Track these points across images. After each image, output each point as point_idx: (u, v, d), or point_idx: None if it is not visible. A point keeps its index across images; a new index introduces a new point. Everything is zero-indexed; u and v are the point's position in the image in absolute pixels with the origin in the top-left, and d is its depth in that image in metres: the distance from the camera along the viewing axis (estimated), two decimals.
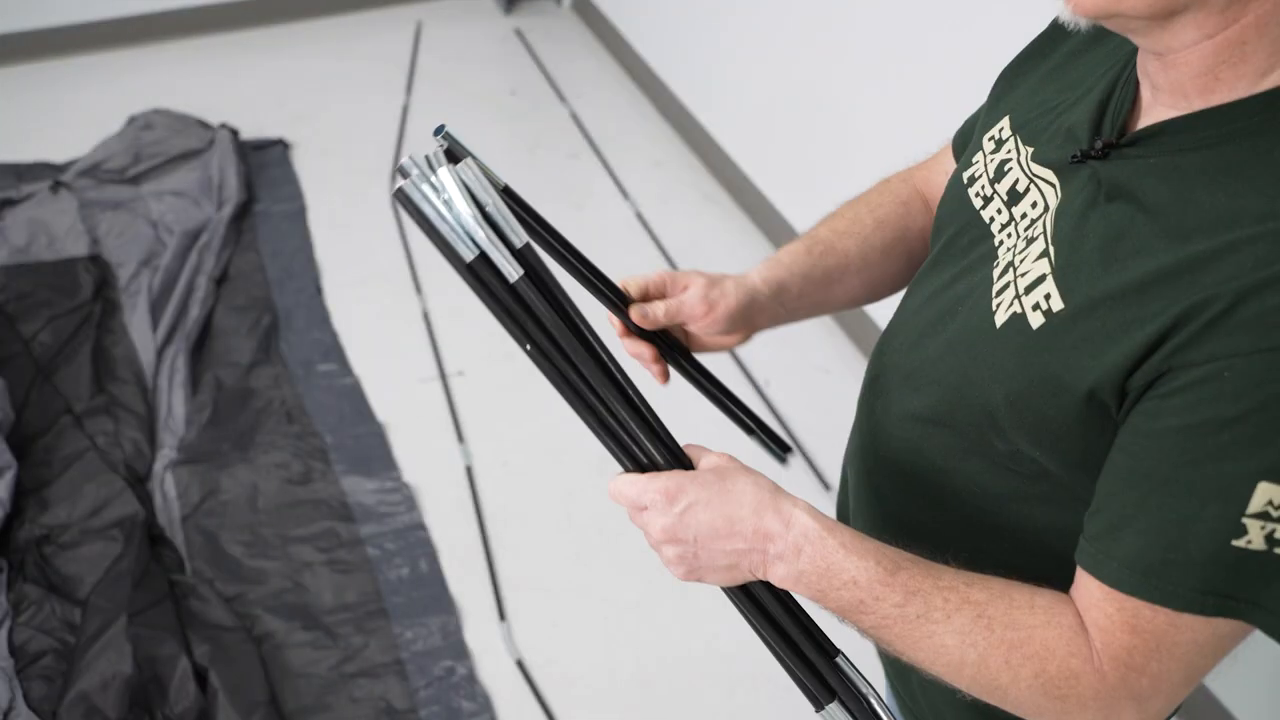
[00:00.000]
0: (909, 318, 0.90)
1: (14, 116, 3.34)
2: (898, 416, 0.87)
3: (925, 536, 0.80)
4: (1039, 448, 0.73)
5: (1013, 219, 0.80)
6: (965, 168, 0.89)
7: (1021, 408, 0.72)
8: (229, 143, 3.03)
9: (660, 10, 3.35)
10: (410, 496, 2.19)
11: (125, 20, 3.70)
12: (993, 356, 0.75)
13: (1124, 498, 0.66)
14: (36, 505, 2.10)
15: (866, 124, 2.36)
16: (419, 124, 3.40)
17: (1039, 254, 0.74)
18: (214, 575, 2.02)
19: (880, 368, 0.92)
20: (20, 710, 1.74)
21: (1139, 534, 0.65)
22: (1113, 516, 0.67)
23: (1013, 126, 0.85)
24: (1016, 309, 0.74)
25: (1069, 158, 0.75)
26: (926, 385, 0.83)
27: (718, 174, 3.14)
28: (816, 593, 0.74)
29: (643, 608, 2.02)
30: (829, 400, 2.43)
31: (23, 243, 2.65)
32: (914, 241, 1.05)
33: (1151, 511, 0.64)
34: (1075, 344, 0.68)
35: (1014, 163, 0.82)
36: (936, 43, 2.05)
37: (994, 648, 0.70)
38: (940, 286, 0.86)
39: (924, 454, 0.85)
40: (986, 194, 0.84)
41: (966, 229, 0.85)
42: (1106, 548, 0.67)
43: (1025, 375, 0.72)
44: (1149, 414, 0.64)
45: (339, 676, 1.88)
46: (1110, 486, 0.67)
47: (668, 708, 1.86)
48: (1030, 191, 0.79)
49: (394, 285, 2.76)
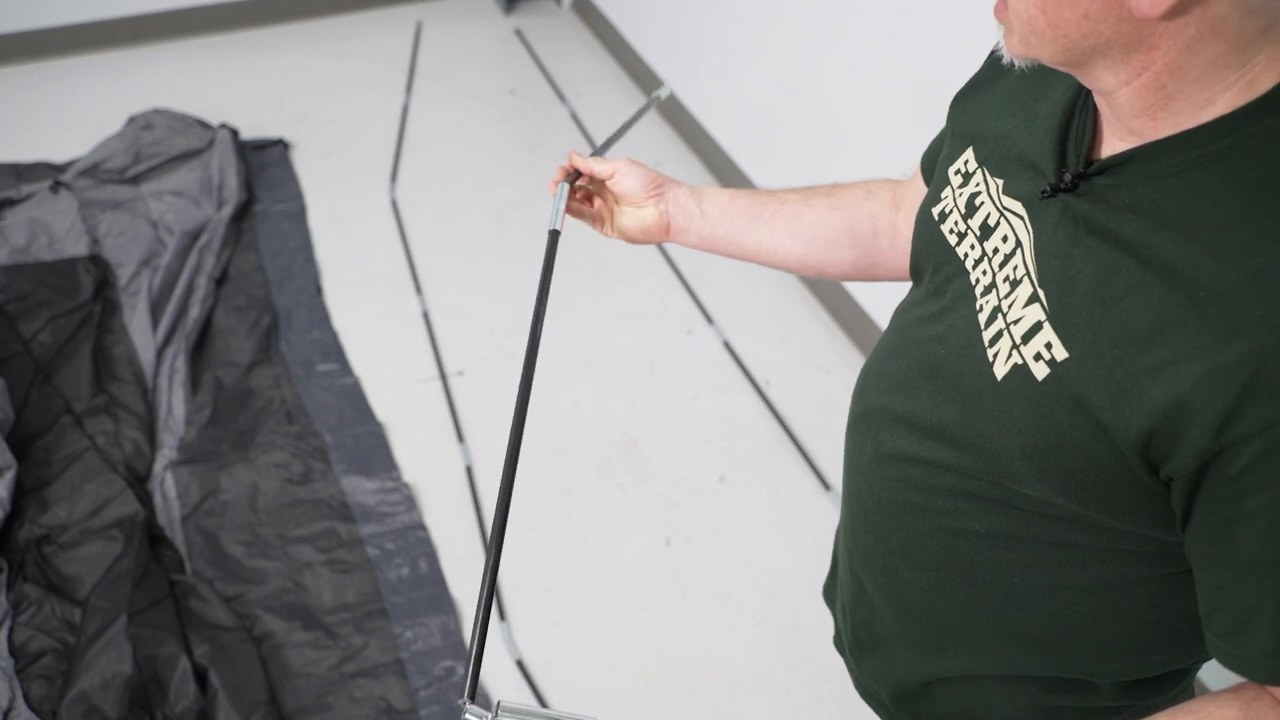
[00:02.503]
0: (892, 356, 0.88)
1: (14, 116, 3.34)
2: (892, 456, 0.86)
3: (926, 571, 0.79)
4: (1064, 494, 0.72)
5: (985, 254, 0.78)
6: (934, 203, 0.87)
7: (1040, 460, 0.71)
8: (229, 143, 3.03)
9: (660, 10, 3.35)
10: (410, 496, 2.19)
11: (125, 20, 3.70)
12: (998, 411, 0.73)
13: (1240, 589, 0.64)
14: (36, 505, 2.10)
15: (866, 123, 2.36)
16: (419, 124, 3.40)
17: (1028, 299, 0.72)
18: (214, 575, 2.02)
19: (865, 406, 0.91)
20: (20, 710, 1.74)
21: (1270, 624, 0.63)
22: (1235, 612, 0.65)
23: (978, 159, 0.83)
24: (1017, 360, 0.72)
25: (1038, 192, 0.74)
26: (925, 431, 0.81)
27: (718, 174, 3.14)
28: None
29: (643, 608, 2.02)
30: (829, 400, 2.43)
31: (23, 243, 2.65)
32: (859, 220, 1.05)
33: (1271, 597, 0.62)
34: (1086, 393, 0.67)
35: (984, 195, 0.80)
36: (936, 42, 2.05)
37: None
38: (919, 323, 0.85)
39: (923, 493, 0.83)
40: (960, 230, 0.82)
41: (943, 267, 0.84)
42: (1243, 645, 0.65)
43: (1038, 428, 0.70)
44: (1228, 499, 0.62)
45: (339, 676, 1.88)
46: (1218, 580, 0.65)
47: (668, 708, 1.86)
48: (1000, 225, 0.77)
49: (394, 285, 2.76)
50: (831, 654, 1.91)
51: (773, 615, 1.99)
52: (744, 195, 1.08)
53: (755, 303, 2.72)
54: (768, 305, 2.72)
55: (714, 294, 2.74)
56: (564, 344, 2.55)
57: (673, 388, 2.47)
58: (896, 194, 1.05)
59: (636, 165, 1.07)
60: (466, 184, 3.14)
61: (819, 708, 1.86)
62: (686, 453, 2.31)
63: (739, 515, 2.18)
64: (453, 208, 3.04)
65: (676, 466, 2.28)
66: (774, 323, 2.67)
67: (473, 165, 3.22)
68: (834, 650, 1.90)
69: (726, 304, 2.70)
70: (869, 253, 1.05)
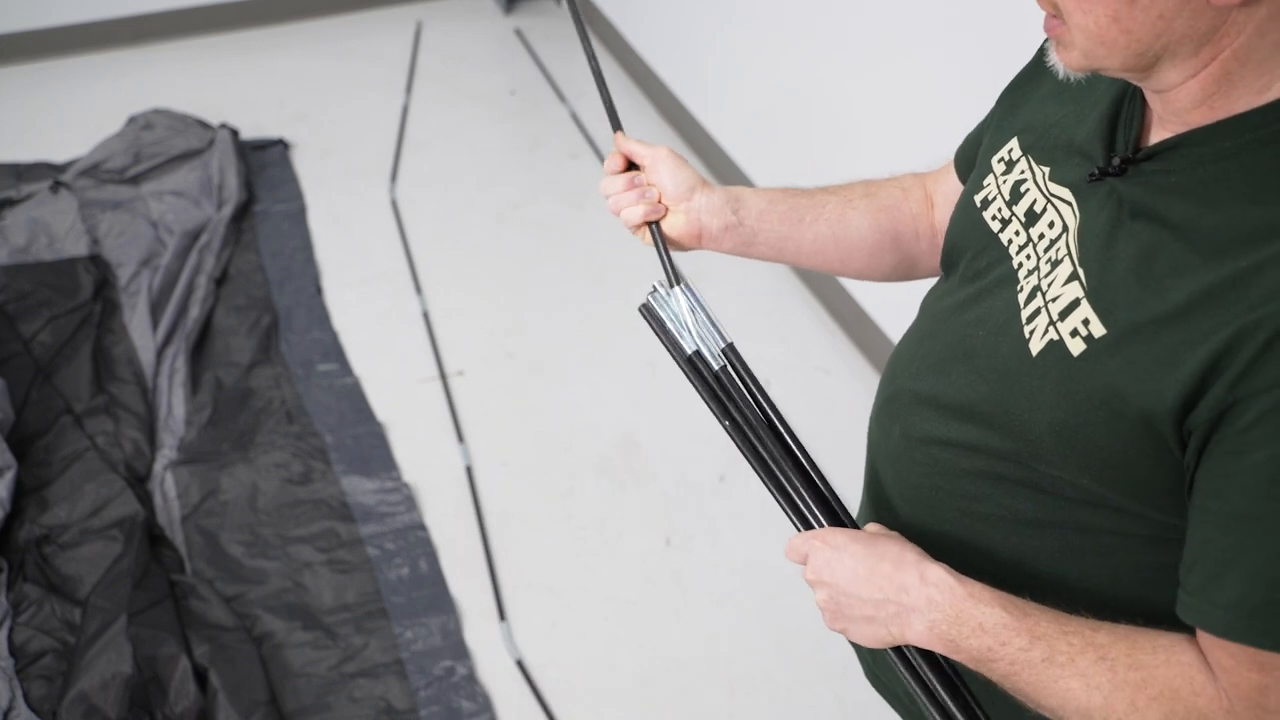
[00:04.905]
0: (925, 340, 0.89)
1: (14, 116, 3.34)
2: (920, 440, 0.86)
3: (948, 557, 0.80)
4: (1087, 475, 0.72)
5: (1030, 240, 0.79)
6: (975, 190, 0.88)
7: (1069, 436, 0.71)
8: (229, 143, 3.03)
9: (660, 10, 3.35)
10: (410, 496, 2.19)
11: (125, 20, 3.70)
12: (1031, 385, 0.74)
13: (1221, 543, 0.64)
14: (36, 505, 2.10)
15: (866, 123, 2.36)
16: (419, 124, 3.40)
17: (1068, 277, 0.73)
18: (214, 575, 2.02)
19: (895, 390, 0.91)
20: (20, 710, 1.74)
21: (1242, 578, 0.63)
22: (1211, 565, 0.65)
23: (1022, 147, 0.83)
24: (1053, 335, 0.72)
25: (1086, 176, 0.74)
26: (954, 411, 0.82)
27: (717, 174, 3.14)
28: (948, 642, 0.75)
29: (643, 608, 2.02)
30: (829, 400, 2.43)
31: (23, 243, 2.65)
32: (902, 223, 1.03)
33: (1250, 551, 0.62)
34: (1122, 369, 0.67)
35: (1030, 183, 0.81)
36: (936, 41, 2.05)
37: (1118, 689, 0.69)
38: (956, 308, 0.85)
39: (951, 477, 0.84)
40: (1004, 216, 0.83)
41: (984, 252, 0.84)
42: (1210, 597, 0.65)
43: (1070, 404, 0.71)
44: (1229, 453, 0.62)
45: (339, 676, 1.88)
46: (1204, 534, 0.66)
47: (668, 708, 1.86)
48: (1048, 211, 0.78)
49: (394, 285, 2.76)
50: (831, 654, 1.91)
51: (773, 615, 1.99)
52: (782, 199, 1.02)
53: (755, 303, 2.72)
54: (768, 305, 2.72)
55: (714, 294, 2.74)
56: (564, 344, 2.55)
57: (673, 388, 2.46)
58: (929, 190, 1.04)
59: (673, 160, 1.00)
60: (466, 184, 3.14)
61: (819, 708, 1.86)
62: (686, 453, 2.31)
63: (739, 515, 2.18)
64: (453, 208, 3.04)
65: (676, 466, 2.28)
66: (774, 323, 2.67)
67: (473, 165, 3.22)
68: (834, 650, 1.91)
69: (726, 304, 2.69)
70: (910, 255, 1.05)
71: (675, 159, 1.01)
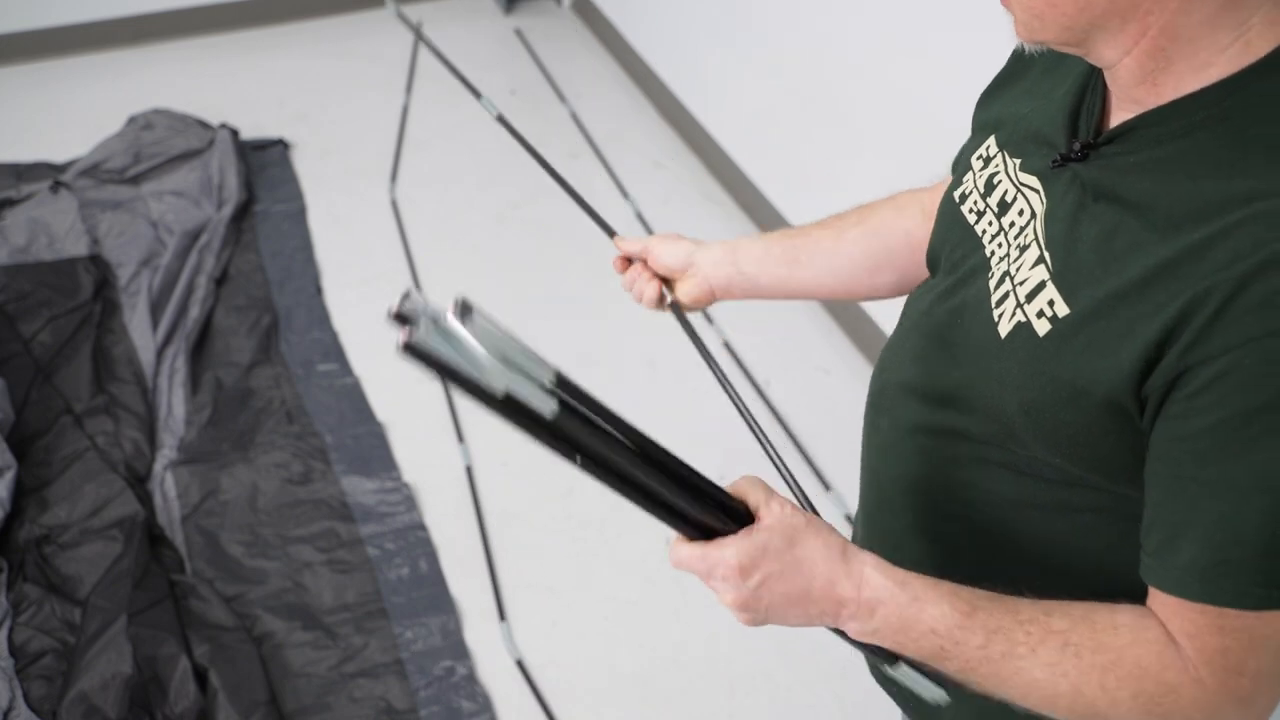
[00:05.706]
0: (908, 334, 0.90)
1: (14, 116, 3.34)
2: (907, 430, 0.88)
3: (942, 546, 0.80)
4: (1059, 454, 0.73)
5: (1002, 229, 0.81)
6: (955, 188, 0.90)
7: (1037, 416, 0.72)
8: (229, 143, 3.03)
9: (660, 10, 3.35)
10: (410, 496, 2.19)
11: (125, 20, 3.70)
12: (1000, 367, 0.75)
13: (1172, 506, 0.65)
14: (36, 505, 2.10)
15: (866, 123, 2.36)
16: (419, 124, 3.40)
17: (1034, 260, 0.74)
18: (214, 575, 2.02)
19: (882, 383, 0.93)
20: (20, 710, 1.74)
21: (1193, 541, 0.64)
22: (1166, 528, 0.66)
23: (999, 143, 0.86)
24: (1020, 318, 0.74)
25: (1050, 163, 0.76)
26: (936, 399, 0.84)
27: (718, 174, 3.14)
28: (895, 644, 0.75)
29: (643, 608, 2.02)
30: (829, 400, 2.43)
31: (23, 243, 2.65)
32: (896, 240, 1.05)
33: (1200, 514, 0.64)
34: (1085, 347, 0.68)
35: (1001, 174, 0.83)
36: (936, 41, 2.05)
37: (1086, 674, 0.69)
38: (936, 300, 0.87)
39: (939, 465, 0.85)
40: (979, 209, 0.85)
41: (960, 244, 0.86)
42: (1168, 559, 0.66)
43: (1037, 383, 0.72)
44: (1178, 417, 0.64)
45: (339, 676, 1.88)
46: (1157, 497, 0.67)
47: (668, 708, 1.86)
48: (1018, 200, 0.80)
49: (394, 285, 2.76)
50: (831, 654, 1.91)
51: None
52: (778, 241, 1.11)
53: (755, 303, 2.72)
54: (768, 305, 2.72)
55: None
56: (564, 343, 2.55)
57: (673, 388, 2.47)
58: (925, 204, 1.06)
59: (664, 239, 1.12)
60: (466, 184, 3.13)
61: (819, 708, 1.86)
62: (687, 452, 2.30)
63: None
64: (453, 208, 3.04)
65: None
66: (774, 323, 2.67)
67: (473, 165, 3.22)
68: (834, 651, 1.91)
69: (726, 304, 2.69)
70: (908, 270, 1.06)
71: (666, 237, 1.12)
